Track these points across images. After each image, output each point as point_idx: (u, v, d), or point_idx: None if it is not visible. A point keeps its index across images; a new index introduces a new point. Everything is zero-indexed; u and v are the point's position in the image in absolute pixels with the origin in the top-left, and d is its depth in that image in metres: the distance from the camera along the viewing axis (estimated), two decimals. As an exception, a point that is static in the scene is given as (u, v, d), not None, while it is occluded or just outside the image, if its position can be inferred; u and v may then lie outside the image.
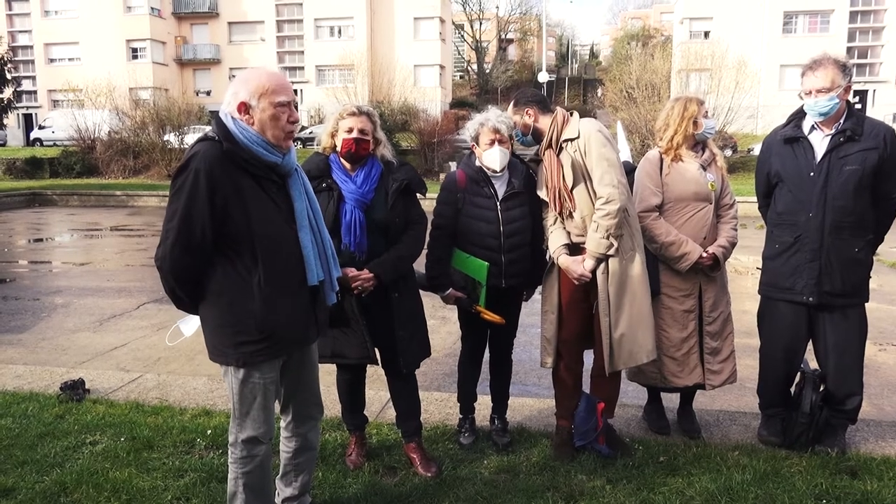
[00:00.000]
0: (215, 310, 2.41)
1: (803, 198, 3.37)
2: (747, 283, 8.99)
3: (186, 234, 2.28)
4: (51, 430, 3.79)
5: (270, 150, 2.37)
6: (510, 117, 3.45)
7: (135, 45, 44.88)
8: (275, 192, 2.41)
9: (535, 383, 5.09)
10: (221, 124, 2.35)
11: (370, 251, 3.13)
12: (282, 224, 2.41)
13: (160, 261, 2.34)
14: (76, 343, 6.38)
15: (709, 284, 3.61)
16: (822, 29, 39.63)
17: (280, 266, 2.39)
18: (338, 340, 3.18)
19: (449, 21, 50.25)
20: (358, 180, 3.15)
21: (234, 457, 2.56)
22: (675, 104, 3.66)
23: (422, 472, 3.29)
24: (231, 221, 2.30)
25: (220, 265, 2.36)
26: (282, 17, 46.16)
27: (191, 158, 2.29)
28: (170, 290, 2.41)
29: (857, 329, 3.46)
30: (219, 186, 2.27)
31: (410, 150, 28.18)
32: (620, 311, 3.28)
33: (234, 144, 2.31)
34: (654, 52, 33.92)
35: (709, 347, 3.61)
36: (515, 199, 3.47)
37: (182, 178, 2.28)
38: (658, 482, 3.22)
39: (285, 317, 2.43)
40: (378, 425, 3.85)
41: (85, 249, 13.79)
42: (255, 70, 2.45)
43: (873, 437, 3.76)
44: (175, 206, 2.29)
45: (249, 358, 2.42)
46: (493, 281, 3.43)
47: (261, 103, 2.34)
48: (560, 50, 74.58)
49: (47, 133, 36.44)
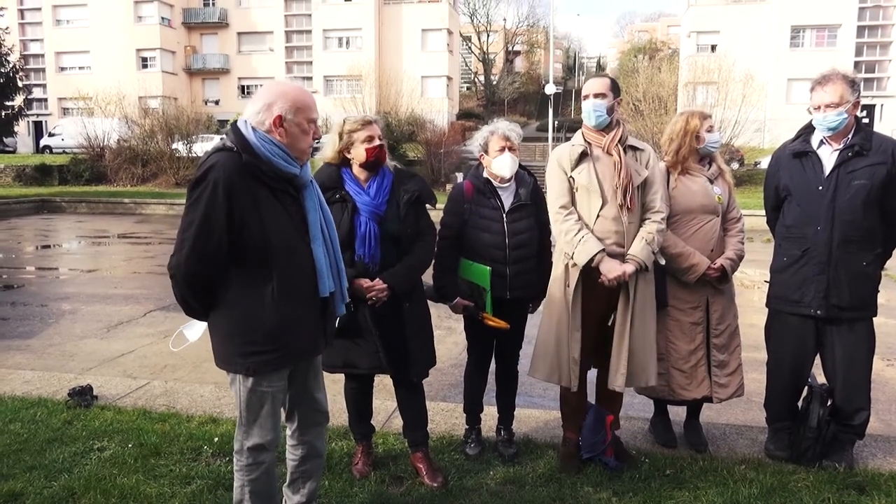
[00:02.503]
0: (226, 318, 2.42)
1: (811, 212, 3.38)
2: (754, 297, 8.97)
3: (203, 244, 2.29)
4: (59, 436, 3.81)
5: (291, 161, 2.40)
6: (601, 89, 3.32)
7: (145, 55, 45.31)
8: (290, 204, 2.43)
9: (540, 395, 5.08)
10: (241, 135, 2.36)
11: (383, 262, 3.15)
12: (295, 236, 2.43)
13: (174, 269, 2.34)
14: (84, 349, 6.41)
15: (716, 297, 3.61)
16: (829, 43, 39.66)
17: (293, 277, 2.41)
18: (350, 351, 3.19)
19: (457, 33, 50.56)
20: (371, 192, 3.17)
21: (239, 464, 2.57)
22: (679, 119, 3.71)
23: (428, 483, 3.29)
24: (247, 232, 2.31)
25: (234, 275, 2.37)
26: (291, 27, 46.55)
27: (210, 169, 2.29)
28: (182, 298, 2.41)
29: (864, 343, 3.46)
30: (236, 197, 2.28)
31: (417, 161, 28.28)
32: (635, 329, 3.28)
33: (253, 156, 2.33)
34: (661, 65, 34.04)
35: (716, 360, 3.61)
36: (522, 210, 3.49)
37: (200, 189, 2.28)
38: (664, 495, 3.21)
39: (296, 327, 2.45)
40: (384, 435, 3.85)
41: (93, 256, 13.85)
42: (289, 85, 2.48)
43: (881, 452, 3.74)
44: (192, 216, 2.29)
45: (259, 367, 2.42)
46: (498, 293, 3.44)
47: (297, 118, 2.38)
48: (567, 62, 74.83)
49: (57, 140, 36.71)
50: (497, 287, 3.43)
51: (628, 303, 3.26)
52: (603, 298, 3.31)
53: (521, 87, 62.57)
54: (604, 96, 3.30)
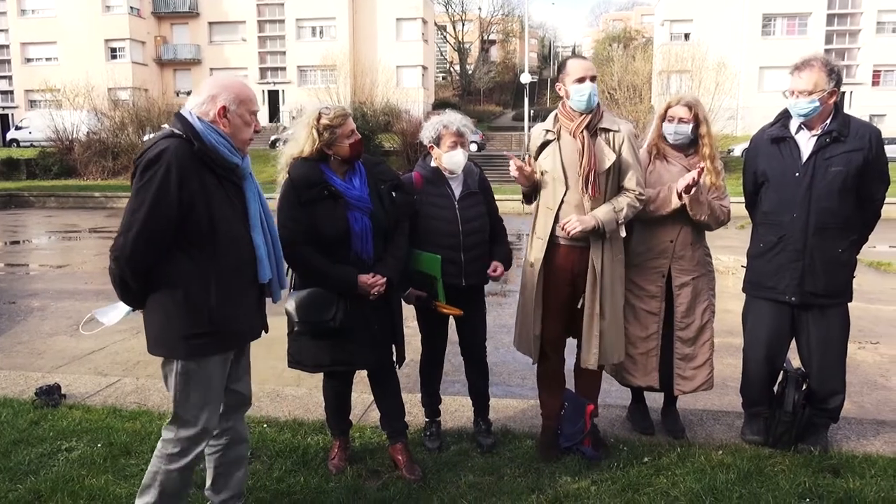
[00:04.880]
0: (167, 301, 2.42)
1: (788, 198, 3.38)
2: (728, 283, 9.05)
3: (153, 225, 2.32)
4: (25, 437, 3.70)
5: (234, 151, 2.48)
6: (595, 71, 3.32)
7: (114, 45, 44.34)
8: (233, 193, 2.52)
9: (518, 384, 5.07)
10: (188, 123, 2.42)
11: (374, 254, 3.16)
12: (238, 223, 2.52)
13: (120, 249, 2.35)
14: (52, 347, 6.26)
15: (682, 290, 3.58)
16: (800, 31, 40.15)
17: (236, 262, 2.50)
18: (341, 349, 3.15)
19: (431, 22, 50.26)
20: (356, 186, 3.14)
21: (164, 452, 2.55)
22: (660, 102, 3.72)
23: (406, 476, 3.25)
24: (194, 216, 2.37)
25: (177, 258, 2.40)
26: (263, 17, 45.85)
27: (163, 152, 2.33)
28: (121, 280, 2.40)
29: (839, 328, 3.48)
30: (187, 181, 2.35)
31: (393, 151, 28.14)
32: (604, 309, 3.29)
33: (202, 143, 2.40)
34: (636, 53, 34.23)
35: (680, 353, 3.61)
36: (471, 198, 3.52)
37: (153, 171, 2.32)
38: (643, 483, 3.21)
39: (238, 311, 2.52)
40: (361, 428, 3.80)
41: (62, 252, 13.58)
42: (231, 78, 2.59)
43: (855, 435, 3.79)
44: (142, 197, 2.32)
45: (201, 350, 2.45)
46: (453, 280, 3.43)
47: (240, 109, 2.49)
48: (542, 51, 74.88)
49: (24, 134, 35.97)
50: (452, 274, 3.42)
51: (596, 282, 3.27)
52: (566, 277, 3.33)
53: (496, 77, 62.51)
54: (595, 79, 3.30)
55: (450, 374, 3.77)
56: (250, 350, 2.80)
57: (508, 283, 9.19)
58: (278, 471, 3.32)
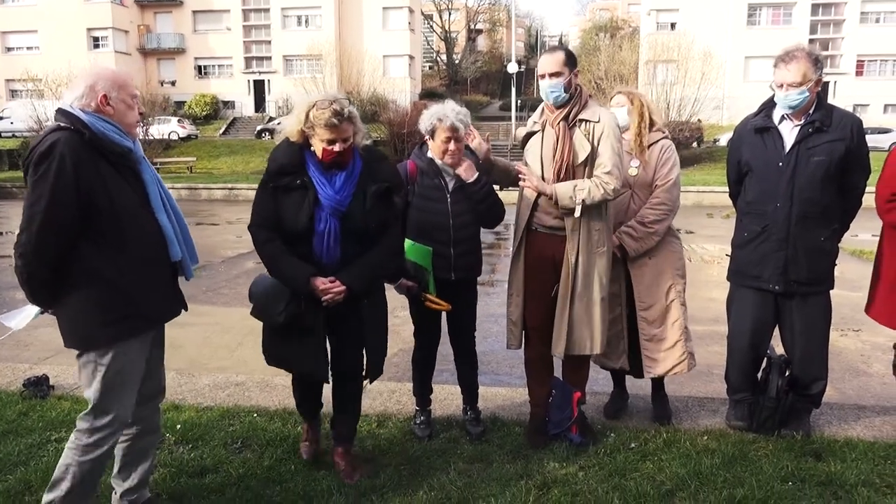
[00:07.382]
0: (81, 292, 2.45)
1: (771, 188, 3.42)
2: (713, 272, 9.14)
3: (54, 216, 2.34)
4: (14, 428, 3.70)
5: (124, 135, 2.53)
6: (555, 67, 3.27)
7: (96, 34, 43.69)
8: (131, 179, 2.56)
9: (507, 373, 5.11)
10: (73, 116, 2.44)
11: (343, 258, 2.92)
12: (140, 206, 2.55)
13: (24, 245, 2.36)
14: (39, 338, 6.22)
15: (638, 270, 3.63)
16: (784, 21, 40.30)
17: (144, 244, 2.54)
18: (288, 348, 3.00)
19: (418, 11, 49.92)
20: (337, 184, 2.90)
21: (78, 443, 2.55)
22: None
23: (345, 480, 3.13)
24: (95, 203, 2.40)
25: (86, 248, 2.43)
26: (248, 5, 45.30)
27: (54, 145, 2.35)
28: (30, 277, 2.42)
29: (822, 316, 3.54)
30: (83, 171, 2.38)
31: (380, 142, 28.03)
32: (575, 299, 3.33)
33: (92, 133, 2.43)
34: (622, 43, 34.30)
35: (647, 334, 3.66)
36: (464, 191, 3.45)
37: (47, 164, 2.34)
38: (630, 468, 3.26)
39: (153, 291, 2.59)
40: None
41: (47, 243, 13.43)
42: (104, 67, 2.68)
43: (836, 420, 3.86)
44: (41, 190, 2.33)
45: (119, 335, 2.49)
46: (442, 274, 3.43)
47: (120, 94, 2.54)
48: (529, 41, 74.69)
49: (6, 124, 35.39)
50: (441, 268, 3.42)
51: (569, 273, 3.31)
52: (547, 265, 3.38)
53: (483, 66, 62.30)
54: (559, 74, 3.27)
55: (439, 363, 3.78)
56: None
57: (496, 273, 9.23)
58: (269, 459, 3.34)
